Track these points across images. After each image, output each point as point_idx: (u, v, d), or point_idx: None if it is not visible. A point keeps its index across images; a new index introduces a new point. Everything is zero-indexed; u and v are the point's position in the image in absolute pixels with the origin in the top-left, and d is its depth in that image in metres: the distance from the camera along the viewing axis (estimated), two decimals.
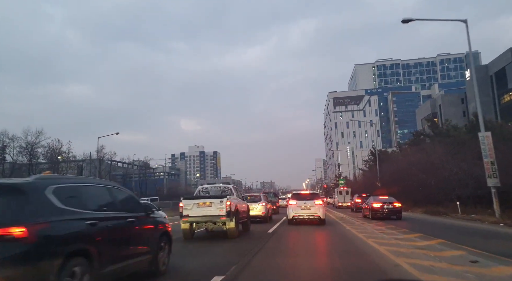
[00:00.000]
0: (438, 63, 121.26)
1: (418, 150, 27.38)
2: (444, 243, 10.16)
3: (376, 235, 12.92)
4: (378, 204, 21.57)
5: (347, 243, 10.96)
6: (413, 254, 8.05)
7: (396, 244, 9.98)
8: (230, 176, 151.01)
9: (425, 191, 25.32)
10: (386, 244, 9.81)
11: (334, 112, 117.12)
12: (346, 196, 38.38)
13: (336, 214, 27.95)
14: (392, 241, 10.84)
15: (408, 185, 27.25)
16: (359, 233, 13.77)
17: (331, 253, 9.30)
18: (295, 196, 18.97)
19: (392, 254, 7.99)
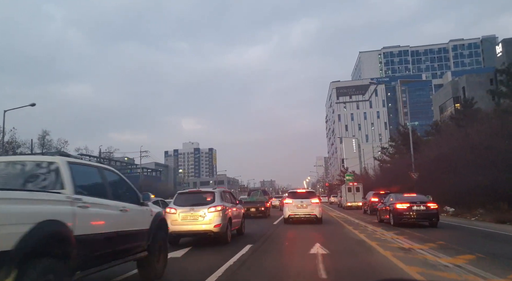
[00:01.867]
0: (451, 49, 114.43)
1: (475, 132, 20.11)
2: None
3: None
4: (404, 204, 15.31)
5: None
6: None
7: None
8: (225, 174, 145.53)
9: (484, 188, 18.15)
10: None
11: (337, 103, 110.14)
12: (357, 194, 31.78)
13: (343, 217, 21.45)
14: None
15: (456, 179, 20.07)
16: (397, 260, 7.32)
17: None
18: (291, 195, 18.71)
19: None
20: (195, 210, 10.48)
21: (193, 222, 10.40)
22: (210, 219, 10.35)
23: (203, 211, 10.43)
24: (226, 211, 11.02)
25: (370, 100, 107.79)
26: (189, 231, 10.44)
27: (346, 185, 32.92)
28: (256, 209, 24.94)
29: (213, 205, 10.64)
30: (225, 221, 10.74)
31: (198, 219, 10.40)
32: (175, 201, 11.06)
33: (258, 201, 26.16)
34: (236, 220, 12.37)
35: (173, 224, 10.35)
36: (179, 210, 10.54)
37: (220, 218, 10.47)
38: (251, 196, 28.88)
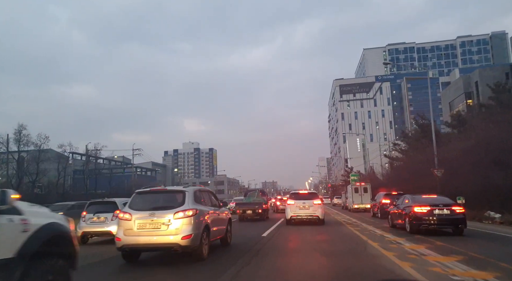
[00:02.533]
0: (459, 46, 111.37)
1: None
2: None
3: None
4: (423, 207, 12.78)
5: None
6: None
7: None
8: (225, 174, 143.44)
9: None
10: None
11: (340, 101, 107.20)
12: (364, 195, 29.02)
13: (352, 221, 18.75)
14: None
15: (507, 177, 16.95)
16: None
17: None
18: (293, 196, 18.59)
19: None
20: (157, 216, 7.86)
21: (154, 232, 7.77)
22: (177, 228, 7.76)
23: (168, 217, 7.83)
24: (201, 217, 8.39)
25: (374, 98, 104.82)
26: (147, 244, 7.79)
27: (352, 186, 30.14)
28: (252, 211, 22.61)
29: (182, 209, 8.00)
30: (199, 230, 8.09)
31: (161, 228, 7.78)
32: (131, 203, 8.41)
33: (255, 203, 23.91)
34: (218, 227, 9.75)
35: (127, 234, 7.78)
36: (135, 216, 7.91)
37: (191, 227, 7.85)
38: (247, 197, 26.47)
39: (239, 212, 23.52)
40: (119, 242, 7.80)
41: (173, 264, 8.22)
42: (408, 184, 23.30)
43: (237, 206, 24.96)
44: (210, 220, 8.96)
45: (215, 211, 9.76)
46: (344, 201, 41.05)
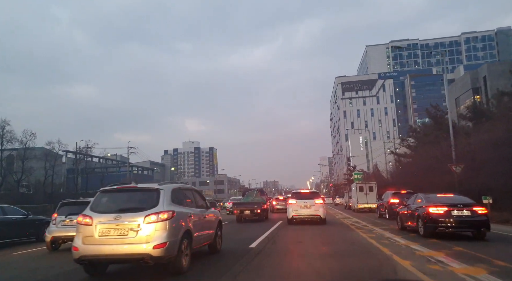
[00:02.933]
0: (463, 42, 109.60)
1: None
2: None
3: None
4: (440, 208, 11.27)
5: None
6: None
7: None
8: (225, 174, 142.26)
9: None
10: None
11: (342, 98, 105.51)
12: (370, 194, 27.46)
13: (356, 222, 17.24)
14: None
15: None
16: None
17: None
18: (294, 195, 18.37)
19: None
20: (123, 220, 6.39)
21: (120, 240, 6.29)
22: (149, 235, 6.29)
23: (137, 222, 6.35)
24: (180, 220, 6.91)
25: (377, 96, 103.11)
26: (111, 255, 6.30)
27: (357, 184, 28.58)
28: (251, 212, 21.36)
29: (155, 211, 6.52)
30: (176, 237, 6.61)
31: (128, 234, 6.31)
32: (94, 204, 6.91)
33: (253, 202, 22.33)
34: (204, 232, 8.26)
35: (86, 242, 6.32)
36: (97, 220, 6.43)
37: (166, 233, 6.38)
38: (245, 197, 25.10)
39: (237, 213, 22.28)
40: (76, 252, 6.32)
41: (147, 277, 6.79)
42: (418, 182, 21.63)
43: (234, 206, 23.56)
44: (193, 224, 7.47)
45: (201, 213, 8.28)
46: (347, 201, 39.56)
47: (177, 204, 7.11)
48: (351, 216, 24.04)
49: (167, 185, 7.30)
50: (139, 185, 7.29)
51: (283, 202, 34.28)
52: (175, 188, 7.44)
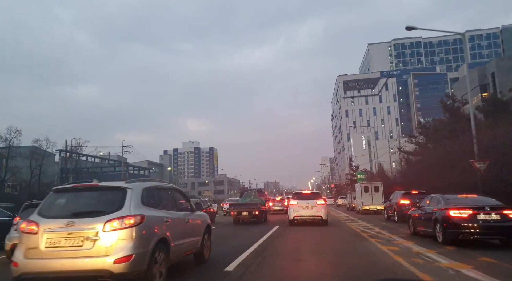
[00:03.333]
0: (467, 40, 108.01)
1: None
2: None
3: None
4: (463, 211, 9.73)
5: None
6: None
7: None
8: (225, 174, 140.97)
9: None
10: None
11: (344, 97, 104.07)
12: (375, 195, 26.02)
13: (366, 227, 15.84)
14: None
15: None
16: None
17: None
18: (296, 196, 17.99)
19: None
20: (77, 227, 5.03)
21: (72, 253, 4.95)
22: (109, 246, 4.98)
23: (95, 229, 5.01)
24: (152, 226, 5.57)
25: (380, 95, 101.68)
26: (60, 272, 4.93)
27: (361, 184, 27.13)
28: (248, 213, 20.14)
29: (118, 215, 5.17)
30: (146, 247, 5.26)
31: (83, 245, 4.98)
32: (43, 207, 5.53)
33: (251, 204, 21.05)
34: (188, 240, 6.90)
35: (29, 256, 5.01)
36: (44, 227, 5.09)
37: (132, 243, 5.04)
38: (243, 197, 23.87)
39: (234, 214, 21.12)
40: (16, 269, 4.95)
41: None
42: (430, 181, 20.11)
43: (231, 207, 22.25)
44: (172, 230, 6.10)
45: (183, 217, 6.90)
46: (350, 202, 38.18)
47: (149, 207, 5.74)
48: (357, 218, 22.63)
49: (137, 183, 5.92)
50: (101, 183, 5.93)
51: (280, 203, 32.83)
52: (148, 187, 6.05)
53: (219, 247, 10.25)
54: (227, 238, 13.23)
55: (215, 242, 10.96)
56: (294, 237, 12.94)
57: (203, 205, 22.91)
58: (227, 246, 10.87)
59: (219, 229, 17.59)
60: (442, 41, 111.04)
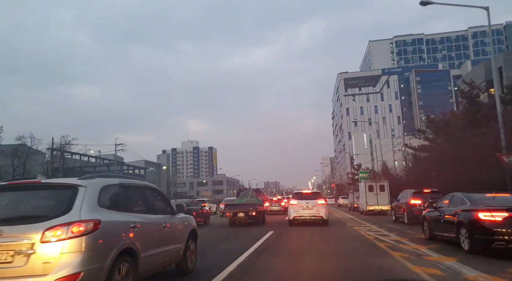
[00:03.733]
0: (470, 36, 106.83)
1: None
2: None
3: None
4: (497, 214, 8.11)
5: None
6: None
7: None
8: (224, 173, 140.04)
9: None
10: None
11: (345, 95, 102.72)
12: (381, 194, 24.69)
13: (380, 233, 14.53)
14: None
15: None
16: None
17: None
18: (296, 196, 17.82)
19: None
20: (7, 237, 3.81)
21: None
22: (49, 262, 3.80)
23: (30, 239, 3.83)
24: (112, 234, 4.35)
25: (381, 92, 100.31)
26: None
27: (365, 183, 25.83)
28: (245, 214, 18.83)
29: (64, 221, 3.93)
30: (103, 262, 4.08)
31: (14, 261, 3.80)
32: None
33: (248, 204, 19.76)
34: (166, 248, 5.63)
35: None
36: None
37: (82, 257, 3.89)
38: (240, 197, 22.58)
39: (229, 215, 19.87)
40: None
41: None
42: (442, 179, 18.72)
43: (226, 208, 20.97)
44: (142, 238, 4.84)
45: (159, 222, 5.63)
46: (352, 202, 36.84)
47: (110, 209, 4.48)
48: (362, 219, 21.31)
49: (94, 179, 4.65)
50: (46, 180, 4.67)
51: (277, 203, 31.44)
52: (109, 185, 4.76)
53: (235, 238, 8.94)
54: (234, 235, 11.98)
55: (204, 248, 9.75)
56: (291, 248, 10.53)
57: (196, 205, 21.62)
58: (240, 239, 9.56)
59: (213, 231, 16.41)
60: (445, 37, 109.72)
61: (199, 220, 19.28)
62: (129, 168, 70.04)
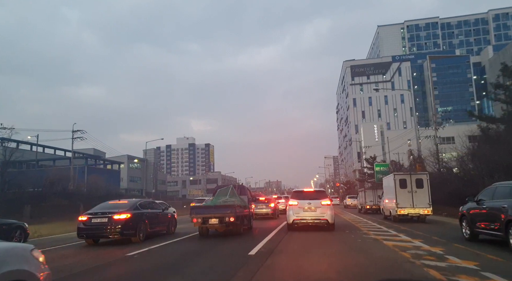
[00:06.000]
0: (491, 20, 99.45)
1: None
2: None
3: None
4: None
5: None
6: None
7: None
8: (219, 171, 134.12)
9: None
10: None
11: (352, 84, 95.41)
12: (418, 192, 17.25)
13: None
14: None
15: None
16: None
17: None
18: (296, 195, 15.62)
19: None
20: None
21: None
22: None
23: None
24: None
25: (392, 81, 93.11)
26: None
27: (394, 177, 18.61)
28: (220, 220, 13.21)
29: None
30: None
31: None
32: None
33: (224, 206, 13.86)
34: None
35: None
36: None
37: None
38: (215, 197, 15.99)
39: (197, 222, 13.39)
40: None
41: None
42: None
43: (193, 211, 13.99)
44: None
45: None
46: (364, 202, 30.28)
47: None
48: (395, 230, 14.43)
49: None
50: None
51: (264, 204, 23.93)
52: None
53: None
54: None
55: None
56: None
57: (152, 208, 14.73)
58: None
59: (171, 248, 10.88)
60: (462, 21, 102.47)
61: (158, 230, 14.24)
62: (97, 161, 62.15)
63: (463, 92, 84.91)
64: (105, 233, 12.14)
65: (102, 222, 12.24)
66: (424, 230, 14.07)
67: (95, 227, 12.16)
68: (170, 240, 12.66)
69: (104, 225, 12.09)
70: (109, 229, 12.00)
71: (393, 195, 18.46)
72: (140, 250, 10.03)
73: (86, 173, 44.66)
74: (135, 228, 12.40)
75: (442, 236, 11.78)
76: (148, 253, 9.73)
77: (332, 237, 12.22)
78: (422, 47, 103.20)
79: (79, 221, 12.43)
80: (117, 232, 12.07)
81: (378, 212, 28.08)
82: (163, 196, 70.44)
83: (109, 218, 12.19)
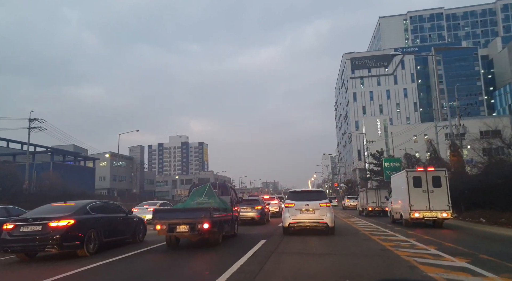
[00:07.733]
0: (500, 10, 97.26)
1: None
2: None
3: None
4: None
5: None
6: None
7: None
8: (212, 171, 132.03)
9: None
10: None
11: (352, 78, 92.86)
12: (435, 192, 14.31)
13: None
14: None
15: None
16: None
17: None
18: (292, 196, 14.75)
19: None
20: None
21: None
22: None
23: None
24: None
25: (395, 74, 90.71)
26: None
27: (407, 174, 15.99)
28: (190, 227, 10.67)
29: None
30: None
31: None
32: None
33: (197, 209, 11.30)
34: None
35: None
36: None
37: None
38: (189, 198, 13.50)
39: (161, 229, 10.87)
40: None
41: None
42: None
43: (156, 216, 11.31)
44: None
45: None
46: (365, 204, 28.31)
47: None
48: (429, 244, 11.89)
49: None
50: None
51: (250, 206, 20.75)
52: None
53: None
54: None
55: None
56: None
57: (107, 211, 12.12)
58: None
59: (131, 263, 8.72)
60: (469, 12, 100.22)
61: (120, 239, 12.08)
62: (65, 158, 58.41)
63: (472, 87, 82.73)
64: (38, 245, 9.55)
65: (34, 230, 9.61)
66: (454, 240, 11.44)
67: (24, 238, 9.53)
68: (127, 253, 10.06)
69: (36, 235, 9.48)
70: (44, 240, 9.42)
71: (405, 196, 15.89)
72: (71, 272, 7.48)
73: (51, 170, 41.46)
74: (81, 238, 9.81)
75: (489, 253, 8.66)
76: (77, 276, 7.17)
77: (342, 248, 9.63)
78: (426, 39, 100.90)
79: (4, 230, 9.83)
80: (55, 244, 9.44)
81: (381, 214, 26.41)
82: (149, 196, 67.66)
83: (44, 225, 9.57)
